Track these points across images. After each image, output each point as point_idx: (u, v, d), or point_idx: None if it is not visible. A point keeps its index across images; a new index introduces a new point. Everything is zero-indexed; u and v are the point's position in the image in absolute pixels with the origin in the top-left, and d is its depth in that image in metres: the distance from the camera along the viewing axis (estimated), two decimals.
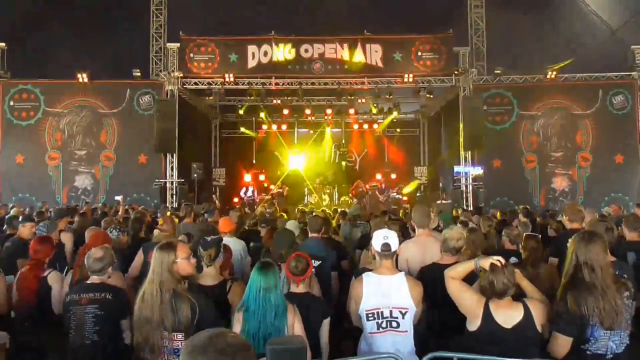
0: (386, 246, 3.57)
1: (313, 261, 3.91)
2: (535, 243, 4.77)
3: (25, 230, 5.92)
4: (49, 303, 4.21)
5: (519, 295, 3.29)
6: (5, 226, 6.99)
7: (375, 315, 3.45)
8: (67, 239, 6.07)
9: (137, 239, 6.33)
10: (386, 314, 3.45)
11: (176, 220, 7.22)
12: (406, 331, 3.44)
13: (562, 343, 3.09)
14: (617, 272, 3.63)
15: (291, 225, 6.37)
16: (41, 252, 4.43)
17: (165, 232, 5.80)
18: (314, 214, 7.42)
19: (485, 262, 3.18)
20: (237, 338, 1.51)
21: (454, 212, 11.46)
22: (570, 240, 3.32)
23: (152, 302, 3.12)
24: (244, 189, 18.81)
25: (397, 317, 3.44)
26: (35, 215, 8.88)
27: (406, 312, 3.45)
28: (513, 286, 3.16)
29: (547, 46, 16.81)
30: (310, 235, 5.60)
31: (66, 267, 5.30)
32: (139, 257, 5.25)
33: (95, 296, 3.52)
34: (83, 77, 16.09)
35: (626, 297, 3.10)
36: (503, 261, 3.18)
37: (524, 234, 5.06)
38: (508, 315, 3.15)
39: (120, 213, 9.94)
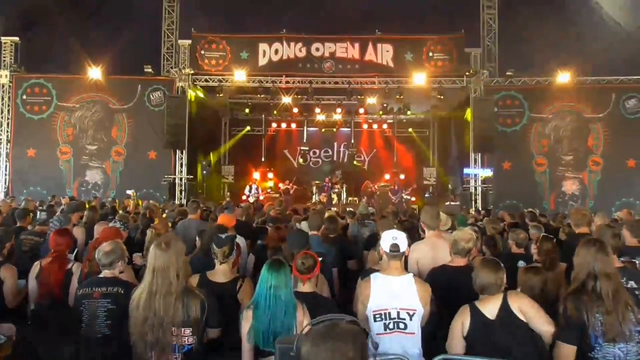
0: (395, 247, 3.55)
1: None
2: (551, 245, 4.71)
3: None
4: None
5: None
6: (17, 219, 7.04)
7: (383, 316, 3.44)
8: (78, 233, 6.11)
9: (145, 234, 6.34)
10: (393, 315, 3.43)
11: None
12: (414, 333, 3.42)
13: (566, 352, 3.05)
14: (625, 279, 3.59)
15: (304, 226, 6.35)
16: (63, 244, 4.49)
17: (159, 231, 5.81)
18: (326, 214, 7.39)
19: None
20: (351, 325, 1.71)
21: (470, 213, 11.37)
22: (577, 248, 3.29)
23: (164, 300, 3.11)
24: (247, 187, 18.85)
25: (404, 319, 3.42)
26: (46, 208, 8.95)
27: (414, 313, 3.44)
28: (495, 283, 3.25)
29: (560, 48, 16.66)
30: (310, 233, 5.60)
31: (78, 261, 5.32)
32: None
33: (108, 290, 3.56)
34: (95, 73, 16.20)
35: (633, 309, 3.02)
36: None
37: (541, 236, 4.99)
38: (492, 308, 3.22)
39: (130, 208, 9.98)
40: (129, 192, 12.97)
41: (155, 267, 3.16)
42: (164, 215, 8.68)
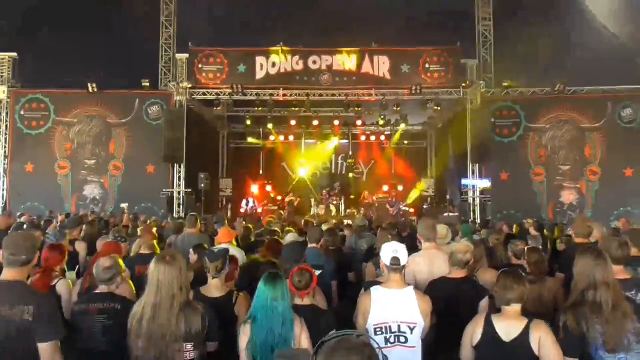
0: (395, 260, 3.53)
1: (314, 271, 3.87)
2: (538, 256, 4.69)
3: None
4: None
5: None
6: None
7: (384, 330, 3.42)
8: (81, 248, 6.09)
9: None
10: (394, 328, 3.41)
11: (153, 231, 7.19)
12: (414, 347, 3.40)
13: None
14: (635, 291, 3.56)
15: (291, 238, 6.32)
16: (51, 259, 4.40)
17: (144, 239, 5.76)
18: (323, 226, 7.38)
19: None
20: (361, 338, 1.80)
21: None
22: (576, 257, 3.28)
23: (169, 315, 3.09)
24: (244, 201, 18.81)
25: (405, 332, 3.40)
26: (44, 223, 8.94)
27: (415, 327, 3.42)
28: (519, 297, 3.15)
29: (555, 59, 16.79)
30: (309, 245, 5.59)
31: (80, 276, 5.27)
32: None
33: (104, 306, 3.52)
34: (93, 87, 16.23)
35: (632, 319, 3.00)
36: None
37: (526, 248, 4.99)
38: (509, 328, 3.12)
39: (124, 222, 9.96)
40: (123, 205, 12.92)
41: (160, 280, 3.15)
42: (149, 222, 8.66)
